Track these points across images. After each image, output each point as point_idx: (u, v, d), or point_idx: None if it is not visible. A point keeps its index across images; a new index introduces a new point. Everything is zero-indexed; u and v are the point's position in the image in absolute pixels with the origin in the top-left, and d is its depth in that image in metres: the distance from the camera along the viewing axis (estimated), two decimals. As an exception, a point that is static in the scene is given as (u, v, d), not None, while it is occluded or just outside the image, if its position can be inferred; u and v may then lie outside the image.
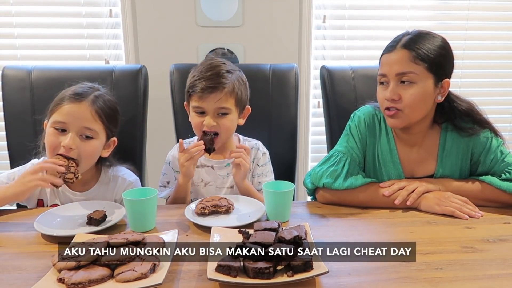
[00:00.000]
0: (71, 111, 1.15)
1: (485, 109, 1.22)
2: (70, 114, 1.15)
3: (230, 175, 1.33)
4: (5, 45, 1.97)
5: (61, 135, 1.14)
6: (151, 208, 1.03)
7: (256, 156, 1.38)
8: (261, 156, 1.38)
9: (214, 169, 1.34)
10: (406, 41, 1.13)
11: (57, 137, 1.14)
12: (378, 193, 1.17)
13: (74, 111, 1.15)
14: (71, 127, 1.14)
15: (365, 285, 0.79)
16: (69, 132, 1.14)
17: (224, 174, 1.34)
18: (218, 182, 1.34)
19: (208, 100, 1.22)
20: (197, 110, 1.25)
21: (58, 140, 1.14)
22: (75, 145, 1.13)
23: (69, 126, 1.14)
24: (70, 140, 1.13)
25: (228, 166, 1.34)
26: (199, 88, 1.22)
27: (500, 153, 1.18)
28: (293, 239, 0.82)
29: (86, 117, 1.16)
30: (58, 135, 1.14)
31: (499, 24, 2.18)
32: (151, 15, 1.97)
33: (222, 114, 1.25)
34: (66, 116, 1.14)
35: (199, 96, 1.23)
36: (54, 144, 1.14)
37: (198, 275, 0.82)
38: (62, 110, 1.15)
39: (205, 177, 1.34)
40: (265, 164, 1.39)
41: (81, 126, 1.15)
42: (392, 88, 1.14)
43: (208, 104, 1.23)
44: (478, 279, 0.81)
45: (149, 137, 1.56)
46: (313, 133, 2.20)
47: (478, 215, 1.10)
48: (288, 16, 2.03)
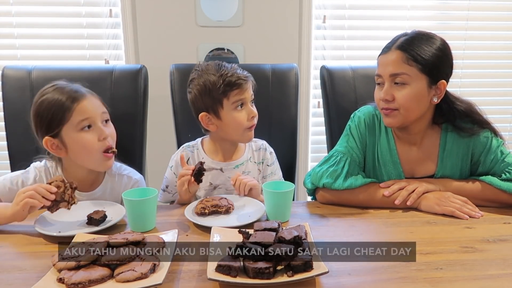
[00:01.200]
0: (88, 105, 1.17)
1: (485, 109, 1.22)
2: (90, 108, 1.17)
3: None
4: (5, 45, 1.97)
5: (91, 132, 1.16)
6: (151, 208, 1.03)
7: (264, 157, 1.37)
8: (269, 155, 1.38)
9: (223, 172, 1.31)
10: (401, 42, 1.13)
11: (92, 135, 1.16)
12: (378, 193, 1.17)
13: (89, 104, 1.17)
14: (96, 119, 1.17)
15: (365, 285, 0.79)
16: (95, 125, 1.17)
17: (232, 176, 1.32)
18: (228, 185, 1.31)
19: (246, 90, 1.25)
20: (239, 103, 1.24)
21: (94, 137, 1.16)
22: (107, 132, 1.19)
23: (94, 119, 1.17)
24: (107, 128, 1.19)
25: (237, 168, 1.32)
26: (238, 81, 1.23)
27: (500, 153, 1.18)
28: (293, 239, 0.82)
29: (99, 104, 1.21)
30: (90, 133, 1.16)
31: (499, 24, 2.18)
32: (151, 15, 1.97)
33: (252, 102, 1.29)
34: (87, 112, 1.16)
35: (240, 88, 1.23)
36: (93, 143, 1.16)
37: (198, 275, 0.82)
38: (80, 109, 1.15)
39: (214, 180, 1.30)
40: (273, 162, 1.39)
41: (101, 113, 1.20)
42: (386, 89, 1.14)
43: (247, 94, 1.26)
44: (478, 279, 0.81)
45: (149, 137, 1.56)
46: (313, 133, 2.20)
47: (478, 215, 1.10)
48: (288, 16, 2.03)
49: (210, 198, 1.15)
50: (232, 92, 1.23)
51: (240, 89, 1.23)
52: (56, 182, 1.03)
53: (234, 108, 1.24)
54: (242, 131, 1.27)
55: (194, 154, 1.33)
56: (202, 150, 1.34)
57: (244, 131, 1.27)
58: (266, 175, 1.36)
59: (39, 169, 1.23)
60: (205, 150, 1.34)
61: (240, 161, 1.33)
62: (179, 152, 1.35)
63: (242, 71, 1.27)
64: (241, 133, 1.27)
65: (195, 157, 1.32)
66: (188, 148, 1.34)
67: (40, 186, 1.01)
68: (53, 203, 1.02)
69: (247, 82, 1.26)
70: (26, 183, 1.20)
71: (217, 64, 1.27)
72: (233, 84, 1.22)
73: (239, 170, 1.32)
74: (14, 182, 1.20)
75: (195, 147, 1.35)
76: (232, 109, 1.24)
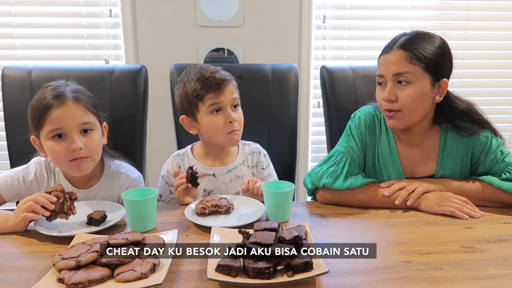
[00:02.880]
0: (61, 115, 1.12)
1: (485, 109, 1.22)
2: (62, 117, 1.11)
3: (233, 181, 1.31)
4: (5, 45, 1.97)
5: (62, 141, 1.12)
6: (151, 208, 1.03)
7: (258, 160, 1.37)
8: (264, 158, 1.37)
9: (216, 177, 1.30)
10: (402, 42, 1.13)
11: (60, 145, 1.12)
12: (378, 193, 1.17)
13: (64, 113, 1.12)
14: (69, 130, 1.12)
15: (365, 285, 0.79)
16: (68, 135, 1.12)
17: (227, 181, 1.31)
18: (222, 190, 1.30)
19: (224, 93, 1.21)
20: (214, 108, 1.22)
21: (63, 148, 1.12)
22: (82, 143, 1.13)
23: (67, 130, 1.12)
24: (76, 141, 1.12)
25: (230, 172, 1.31)
26: (213, 84, 1.20)
27: (500, 153, 1.18)
28: (293, 239, 0.82)
29: (78, 114, 1.14)
30: (60, 143, 1.12)
31: (499, 24, 2.18)
32: (151, 15, 1.97)
33: (235, 106, 1.25)
34: (59, 122, 1.11)
35: (215, 92, 1.20)
36: (60, 153, 1.12)
37: (198, 275, 0.82)
38: (52, 118, 1.11)
39: (208, 186, 1.29)
40: (268, 165, 1.38)
41: (78, 124, 1.13)
42: (389, 89, 1.14)
43: (225, 97, 1.22)
44: (478, 279, 0.81)
45: (149, 137, 1.56)
46: (313, 133, 2.20)
47: (478, 215, 1.10)
48: (288, 16, 2.03)
49: (210, 198, 1.15)
50: (206, 95, 1.21)
51: (215, 92, 1.21)
52: (55, 192, 1.01)
53: (210, 112, 1.22)
54: (223, 135, 1.24)
55: (185, 162, 1.32)
56: (192, 157, 1.33)
57: (226, 135, 1.24)
58: (262, 178, 1.35)
59: (39, 164, 1.24)
60: (195, 156, 1.33)
61: (232, 165, 1.32)
62: (169, 161, 1.34)
63: (224, 73, 1.24)
64: (223, 137, 1.25)
65: (186, 164, 1.29)
66: (178, 157, 1.34)
67: (40, 196, 1.00)
68: (52, 213, 1.01)
69: (230, 85, 1.23)
70: (27, 178, 1.20)
71: (201, 67, 1.25)
72: (208, 87, 1.20)
73: (232, 174, 1.31)
74: (15, 178, 1.20)
75: (185, 154, 1.34)
76: (207, 113, 1.23)
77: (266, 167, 1.37)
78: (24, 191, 1.20)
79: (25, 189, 1.21)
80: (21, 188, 1.21)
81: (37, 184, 1.22)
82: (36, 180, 1.22)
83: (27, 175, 1.21)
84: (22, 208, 1.00)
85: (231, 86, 1.24)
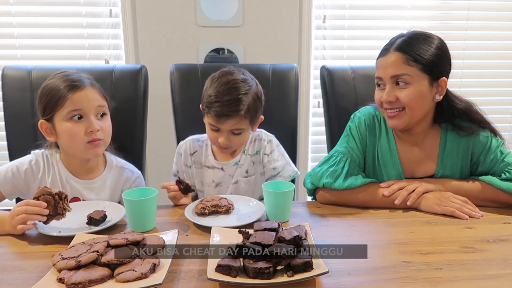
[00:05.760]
0: (83, 97, 1.17)
1: (485, 109, 1.22)
2: (83, 100, 1.16)
3: (235, 171, 1.35)
4: (5, 45, 1.97)
5: (80, 123, 1.16)
6: (151, 208, 1.03)
7: (260, 147, 1.37)
8: (266, 144, 1.36)
9: (224, 170, 1.35)
10: (399, 44, 1.13)
11: (78, 127, 1.16)
12: (378, 193, 1.17)
13: (84, 96, 1.17)
14: (88, 111, 1.17)
15: (365, 285, 0.79)
16: (86, 117, 1.17)
17: (232, 172, 1.35)
18: (228, 182, 1.36)
19: (224, 123, 1.23)
20: (212, 128, 1.26)
21: (81, 129, 1.16)
22: (99, 125, 1.18)
23: (86, 111, 1.17)
24: (96, 122, 1.17)
25: (237, 164, 1.35)
26: (216, 112, 1.21)
27: (500, 153, 1.18)
28: (293, 239, 0.82)
29: (96, 98, 1.20)
30: (78, 124, 1.16)
31: (499, 24, 2.18)
32: (151, 15, 1.97)
33: (236, 134, 1.26)
34: (80, 103, 1.16)
35: (215, 119, 1.22)
36: (78, 135, 1.16)
37: (198, 275, 0.82)
38: (73, 99, 1.15)
39: (216, 178, 1.36)
40: (272, 151, 1.37)
41: (96, 106, 1.19)
42: (388, 91, 1.14)
43: (223, 126, 1.23)
44: (478, 279, 0.81)
45: (149, 137, 1.56)
46: (313, 133, 2.20)
47: (478, 215, 1.10)
48: (288, 16, 2.03)
49: (210, 198, 1.15)
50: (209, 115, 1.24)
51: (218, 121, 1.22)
52: (44, 197, 0.99)
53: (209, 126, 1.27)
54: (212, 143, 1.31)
55: (203, 149, 1.38)
56: (210, 148, 1.38)
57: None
58: (265, 163, 1.36)
59: (37, 154, 1.24)
60: (212, 149, 1.38)
61: (237, 158, 1.35)
62: (188, 141, 1.40)
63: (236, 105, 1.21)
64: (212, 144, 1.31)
65: (203, 152, 1.37)
66: (197, 142, 1.39)
67: (29, 204, 0.98)
68: (47, 217, 1.00)
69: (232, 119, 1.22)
70: (21, 168, 1.20)
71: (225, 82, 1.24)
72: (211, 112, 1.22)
73: (238, 166, 1.35)
74: (9, 169, 1.20)
75: (204, 142, 1.39)
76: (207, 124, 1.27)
77: (269, 153, 1.36)
78: (20, 183, 1.20)
79: (20, 180, 1.20)
80: (16, 179, 1.20)
81: (32, 174, 1.21)
82: (31, 169, 1.21)
83: (21, 165, 1.21)
84: (16, 219, 0.98)
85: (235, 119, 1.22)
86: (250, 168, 1.35)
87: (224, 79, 1.24)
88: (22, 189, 1.21)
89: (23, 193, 1.22)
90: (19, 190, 1.22)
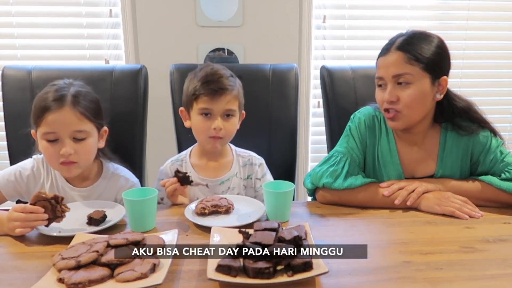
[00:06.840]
0: (56, 120, 1.12)
1: (485, 109, 1.23)
2: (57, 122, 1.12)
3: (225, 193, 1.30)
4: (5, 45, 1.97)
5: (54, 144, 1.14)
6: (151, 208, 1.03)
7: (251, 172, 1.35)
8: (258, 169, 1.35)
9: (209, 187, 1.30)
10: (400, 43, 1.13)
11: (53, 147, 1.13)
12: (378, 193, 1.17)
13: (59, 119, 1.12)
14: (62, 135, 1.13)
15: (365, 285, 0.79)
16: (61, 140, 1.13)
17: (219, 192, 1.30)
18: None
19: (218, 101, 1.22)
20: (204, 111, 1.24)
21: (54, 150, 1.13)
22: (72, 150, 1.14)
23: (59, 135, 1.13)
24: (67, 147, 1.13)
25: (223, 183, 1.31)
26: (210, 90, 1.21)
27: (499, 153, 1.18)
28: (293, 239, 0.82)
29: (73, 121, 1.14)
30: (53, 145, 1.14)
31: (499, 24, 2.18)
32: (151, 15, 1.97)
33: (227, 116, 1.25)
34: (53, 126, 1.12)
35: (209, 97, 1.21)
36: (52, 155, 1.14)
37: (198, 275, 0.82)
38: (47, 121, 1.12)
39: (199, 196, 1.29)
40: (264, 174, 1.36)
41: (71, 131, 1.14)
42: (390, 90, 1.14)
43: (217, 106, 1.22)
44: (478, 279, 0.81)
45: (149, 137, 1.56)
46: (313, 133, 2.20)
47: (478, 215, 1.10)
48: (288, 16, 2.03)
49: (210, 198, 1.15)
50: (201, 98, 1.23)
51: (212, 99, 1.22)
52: (40, 202, 0.98)
53: (200, 113, 1.25)
54: (204, 137, 1.27)
55: (183, 168, 1.32)
56: (190, 164, 1.33)
57: (207, 138, 1.26)
58: (258, 188, 1.35)
59: (37, 160, 1.25)
60: (192, 164, 1.33)
61: (226, 177, 1.31)
62: (167, 165, 1.34)
63: (228, 82, 1.24)
64: (204, 139, 1.27)
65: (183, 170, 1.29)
66: (177, 162, 1.34)
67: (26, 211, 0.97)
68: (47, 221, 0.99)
69: (226, 95, 1.23)
70: (23, 173, 1.21)
71: (211, 68, 1.26)
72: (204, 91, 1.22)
73: (224, 186, 1.31)
74: (12, 173, 1.21)
75: (183, 160, 1.34)
76: (197, 113, 1.25)
77: (261, 177, 1.35)
78: (22, 187, 1.21)
79: (22, 184, 1.21)
80: (19, 183, 1.21)
81: (34, 179, 1.23)
82: (33, 175, 1.22)
83: (24, 171, 1.22)
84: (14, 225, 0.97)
85: (229, 96, 1.24)
86: (241, 192, 1.33)
87: (207, 68, 1.27)
88: (23, 193, 1.23)
89: (24, 196, 1.23)
90: (20, 193, 1.23)
